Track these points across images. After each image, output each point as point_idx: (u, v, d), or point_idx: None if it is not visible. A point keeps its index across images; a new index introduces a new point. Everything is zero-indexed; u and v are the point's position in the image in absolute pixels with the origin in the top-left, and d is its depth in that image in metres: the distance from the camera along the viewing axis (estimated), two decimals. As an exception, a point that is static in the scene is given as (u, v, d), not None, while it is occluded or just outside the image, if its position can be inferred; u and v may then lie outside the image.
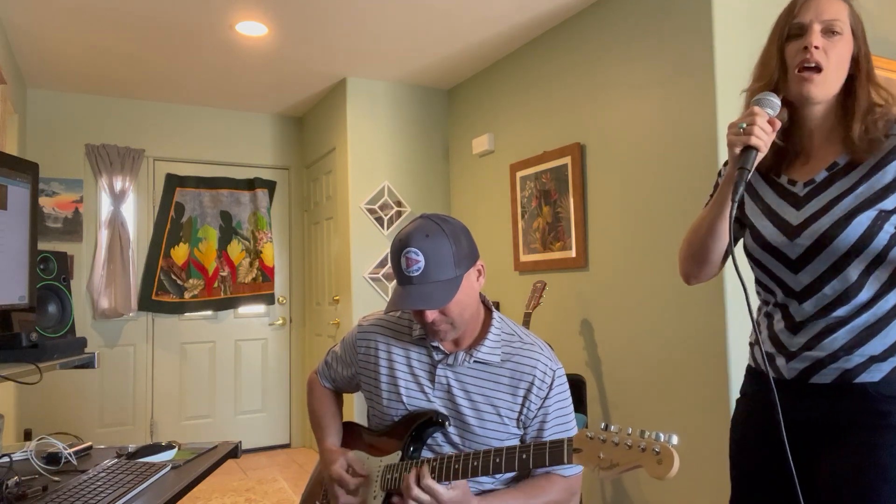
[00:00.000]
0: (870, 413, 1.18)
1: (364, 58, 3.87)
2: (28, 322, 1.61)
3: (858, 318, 1.20)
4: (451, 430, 1.45)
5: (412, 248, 1.34)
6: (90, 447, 1.78)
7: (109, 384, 4.45)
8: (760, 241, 1.31)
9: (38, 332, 1.67)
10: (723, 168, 1.45)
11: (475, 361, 1.45)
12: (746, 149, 1.16)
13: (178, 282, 4.64)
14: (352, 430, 1.65)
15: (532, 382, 1.42)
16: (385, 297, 4.20)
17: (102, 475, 1.44)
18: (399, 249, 1.36)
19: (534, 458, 1.22)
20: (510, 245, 3.79)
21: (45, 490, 1.39)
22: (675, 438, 1.01)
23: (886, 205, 1.18)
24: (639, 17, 2.92)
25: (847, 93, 1.24)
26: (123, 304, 4.36)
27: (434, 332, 1.42)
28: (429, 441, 1.46)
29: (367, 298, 4.16)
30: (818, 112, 1.25)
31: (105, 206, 4.40)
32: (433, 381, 1.47)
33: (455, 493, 1.29)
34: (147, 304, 4.53)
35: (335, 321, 4.43)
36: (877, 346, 1.19)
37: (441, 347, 1.47)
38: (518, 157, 3.72)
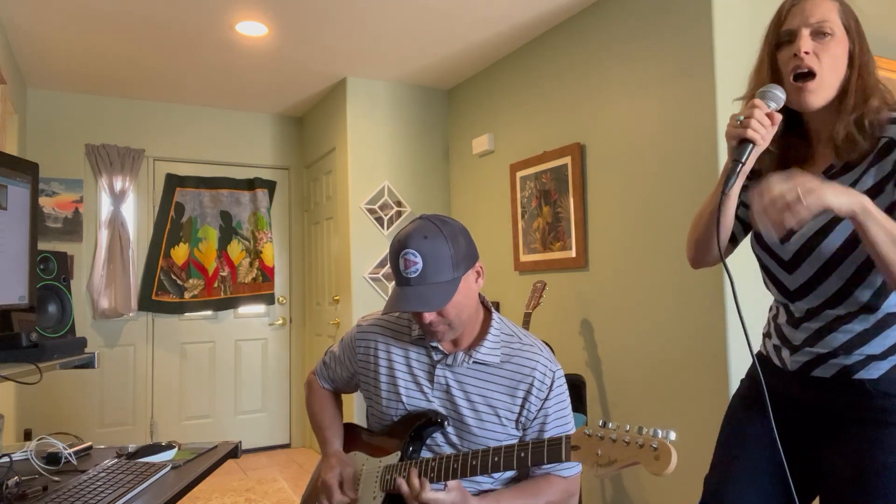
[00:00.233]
0: (868, 409, 1.19)
1: (364, 58, 3.87)
2: (28, 322, 1.61)
3: (856, 322, 1.21)
4: (450, 431, 1.45)
5: (410, 250, 1.34)
6: (90, 447, 1.78)
7: (109, 384, 4.45)
8: (760, 241, 1.33)
9: (38, 332, 1.67)
10: None
11: (474, 362, 1.45)
12: (742, 141, 1.15)
13: (178, 282, 4.64)
14: (351, 431, 1.65)
15: (531, 384, 1.42)
16: (385, 297, 4.20)
17: (102, 475, 1.44)
18: (398, 250, 1.36)
19: (532, 456, 1.22)
20: (510, 245, 3.79)
21: (45, 490, 1.39)
22: (673, 434, 1.01)
23: (877, 205, 1.14)
24: (639, 17, 2.92)
25: (843, 92, 1.21)
26: (123, 304, 4.36)
27: (432, 333, 1.42)
28: (428, 441, 1.46)
29: (367, 298, 4.16)
30: (819, 114, 1.24)
31: (105, 206, 4.40)
32: (432, 382, 1.47)
33: (453, 496, 1.30)
34: (147, 304, 4.53)
35: (335, 321, 4.43)
36: (876, 347, 1.20)
37: (440, 347, 1.47)
38: (518, 157, 3.72)
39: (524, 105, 3.69)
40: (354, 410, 3.95)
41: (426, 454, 1.46)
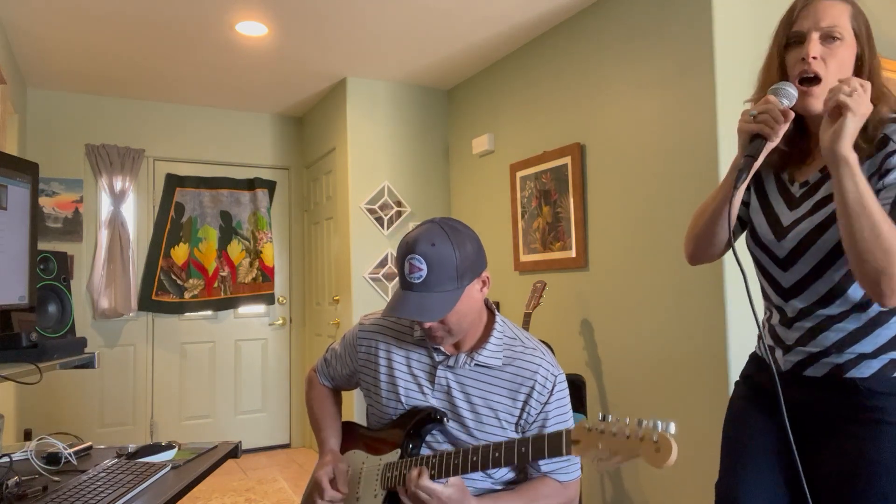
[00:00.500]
0: (859, 407, 1.19)
1: (364, 58, 3.87)
2: (28, 322, 1.61)
3: (848, 321, 1.22)
4: (450, 431, 1.45)
5: (416, 255, 1.33)
6: (90, 447, 1.78)
7: (109, 384, 4.45)
8: (755, 238, 1.34)
9: (38, 332, 1.67)
10: None
11: (476, 364, 1.45)
12: (755, 137, 1.15)
13: (178, 282, 4.64)
14: (351, 430, 1.65)
15: (532, 387, 1.42)
16: (384, 297, 4.20)
17: (102, 475, 1.44)
18: (404, 253, 1.36)
19: (533, 451, 1.22)
20: (510, 245, 3.79)
21: (45, 490, 1.39)
22: (673, 427, 1.01)
23: None
24: (639, 17, 2.92)
25: None
26: (123, 304, 4.36)
27: (431, 338, 1.42)
28: (427, 439, 1.46)
29: (367, 298, 4.16)
30: (820, 116, 1.24)
31: (105, 206, 4.40)
32: (433, 383, 1.47)
33: (452, 490, 1.30)
34: (147, 304, 4.53)
35: (335, 321, 4.43)
36: (867, 346, 1.21)
37: (442, 349, 1.47)
38: (518, 157, 3.72)
39: (524, 105, 3.69)
40: (354, 409, 3.95)
41: (426, 452, 1.46)
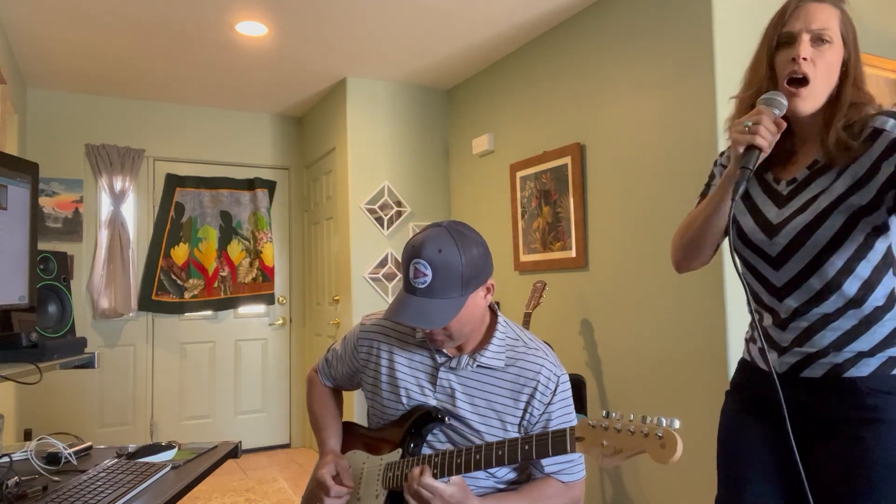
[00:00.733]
0: (858, 407, 1.19)
1: (364, 58, 3.87)
2: (28, 322, 1.61)
3: (845, 316, 1.22)
4: (451, 431, 1.44)
5: (422, 261, 1.32)
6: (90, 447, 1.78)
7: (109, 384, 4.45)
8: (744, 239, 1.33)
9: (38, 332, 1.67)
10: (719, 157, 1.46)
11: (478, 366, 1.44)
12: (749, 148, 1.16)
13: (178, 282, 4.64)
14: (351, 430, 1.65)
15: (535, 388, 1.41)
16: (384, 297, 4.20)
17: (102, 475, 1.44)
18: (410, 257, 1.35)
19: (537, 449, 1.22)
20: (510, 245, 3.79)
21: (45, 490, 1.39)
22: (677, 423, 1.01)
23: (860, 198, 1.17)
24: (639, 17, 2.92)
25: (834, 97, 1.23)
26: (123, 304, 4.36)
27: (432, 341, 1.42)
28: (429, 438, 1.46)
29: (367, 298, 4.16)
30: (807, 116, 1.25)
31: (105, 206, 4.40)
32: (435, 384, 1.47)
33: (455, 489, 1.30)
34: (147, 304, 4.53)
35: (335, 321, 4.43)
36: (865, 344, 1.21)
37: (444, 351, 1.47)
38: (518, 157, 3.72)
39: (524, 105, 3.69)
40: (355, 409, 3.95)
41: (427, 451, 1.46)
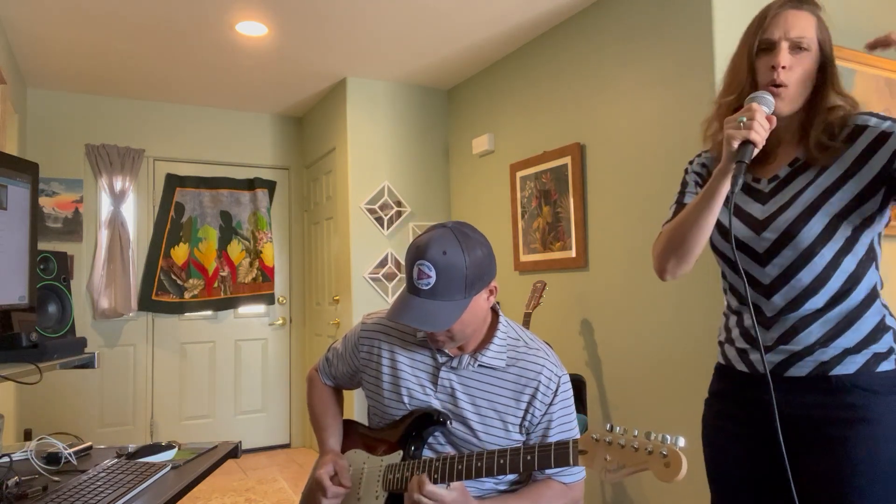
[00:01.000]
0: (843, 406, 1.20)
1: (364, 58, 3.87)
2: (28, 322, 1.60)
3: (831, 311, 1.23)
4: (452, 432, 1.44)
5: (426, 262, 1.32)
6: (90, 447, 1.78)
7: (109, 384, 4.45)
8: (728, 238, 1.34)
9: (38, 332, 1.66)
10: (689, 165, 1.48)
11: (479, 365, 1.44)
12: (744, 143, 1.18)
13: (178, 282, 4.64)
14: (352, 429, 1.64)
15: (537, 388, 1.41)
16: (384, 297, 4.20)
17: (102, 475, 1.44)
18: (414, 258, 1.34)
19: (539, 460, 1.21)
20: (510, 245, 3.79)
21: (45, 490, 1.39)
22: (682, 441, 0.99)
23: (847, 191, 1.21)
24: (639, 17, 2.92)
25: (812, 100, 1.27)
26: (123, 304, 4.36)
27: (433, 342, 1.42)
28: (430, 440, 1.45)
29: (367, 298, 4.16)
30: (784, 118, 1.28)
31: (105, 206, 4.40)
32: (436, 384, 1.46)
33: (456, 495, 1.30)
34: (147, 304, 4.53)
35: (335, 321, 4.43)
36: (850, 339, 1.22)
37: (445, 350, 1.47)
38: (518, 157, 3.72)
39: (524, 105, 3.69)
40: (355, 408, 3.95)
41: (428, 453, 1.45)
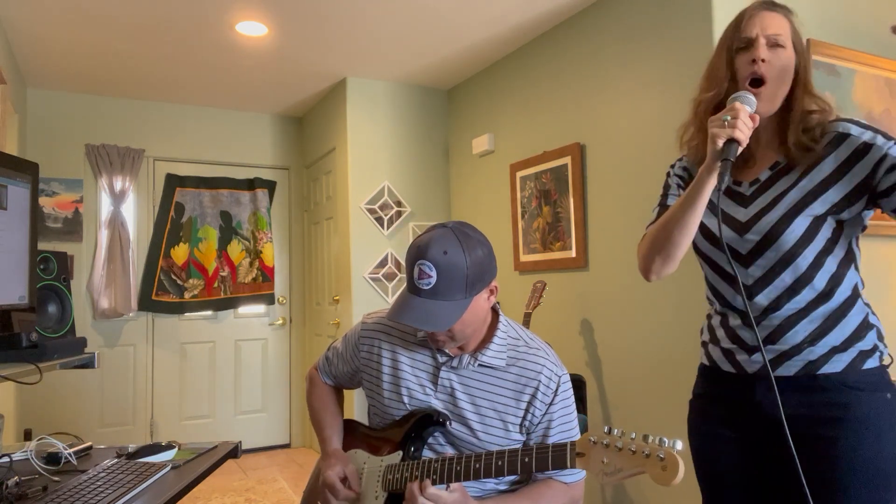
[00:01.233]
0: (831, 405, 1.20)
1: (364, 58, 3.87)
2: (28, 322, 1.60)
3: (816, 310, 1.24)
4: (452, 432, 1.44)
5: (427, 262, 1.32)
6: (90, 447, 1.78)
7: (109, 384, 4.45)
8: (711, 239, 1.36)
9: (38, 332, 1.67)
10: (671, 169, 1.50)
11: (480, 365, 1.44)
12: (729, 141, 1.19)
13: (178, 282, 4.64)
14: (352, 428, 1.64)
15: (537, 388, 1.41)
16: (384, 297, 4.20)
17: (102, 475, 1.44)
18: (415, 258, 1.34)
19: (537, 462, 1.22)
20: (510, 245, 3.79)
21: (45, 490, 1.39)
22: (680, 444, 1.00)
23: (828, 197, 1.23)
24: (639, 17, 2.92)
25: (787, 103, 1.29)
26: (123, 304, 4.36)
27: (433, 341, 1.42)
28: (430, 441, 1.45)
29: (367, 298, 4.16)
30: (763, 120, 1.30)
31: (105, 206, 4.40)
32: (436, 384, 1.46)
33: (456, 496, 1.30)
34: (147, 304, 4.53)
35: (335, 321, 4.43)
36: (837, 337, 1.23)
37: (445, 350, 1.47)
38: (518, 157, 3.72)
39: (524, 105, 3.69)
40: (355, 408, 3.95)
41: (427, 454, 1.45)
